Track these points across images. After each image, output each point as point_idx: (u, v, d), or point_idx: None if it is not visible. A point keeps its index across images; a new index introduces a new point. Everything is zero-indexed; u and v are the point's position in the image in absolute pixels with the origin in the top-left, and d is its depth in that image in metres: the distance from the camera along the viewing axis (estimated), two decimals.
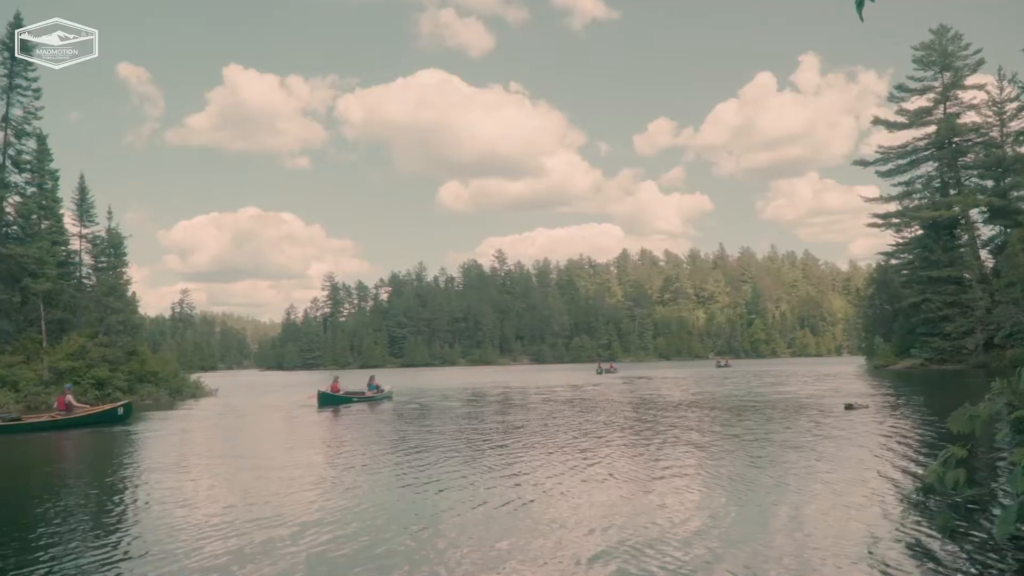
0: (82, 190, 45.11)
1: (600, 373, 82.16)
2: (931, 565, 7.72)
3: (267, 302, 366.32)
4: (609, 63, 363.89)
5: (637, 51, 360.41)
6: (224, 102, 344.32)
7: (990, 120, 66.91)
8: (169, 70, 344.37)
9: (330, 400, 36.77)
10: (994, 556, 7.96)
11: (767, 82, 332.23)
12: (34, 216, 42.96)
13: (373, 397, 39.15)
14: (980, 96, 67.67)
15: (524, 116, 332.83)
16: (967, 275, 65.80)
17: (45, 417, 26.87)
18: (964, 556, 7.99)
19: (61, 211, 45.00)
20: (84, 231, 45.55)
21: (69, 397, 27.43)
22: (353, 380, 50.59)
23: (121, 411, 28.66)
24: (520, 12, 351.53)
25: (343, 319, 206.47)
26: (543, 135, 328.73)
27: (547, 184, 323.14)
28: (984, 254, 69.26)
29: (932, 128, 70.28)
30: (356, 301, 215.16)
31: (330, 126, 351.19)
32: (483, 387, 53.84)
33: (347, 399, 37.51)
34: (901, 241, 72.87)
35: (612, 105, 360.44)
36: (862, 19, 5.13)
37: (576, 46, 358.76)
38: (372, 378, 42.64)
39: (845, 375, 58.09)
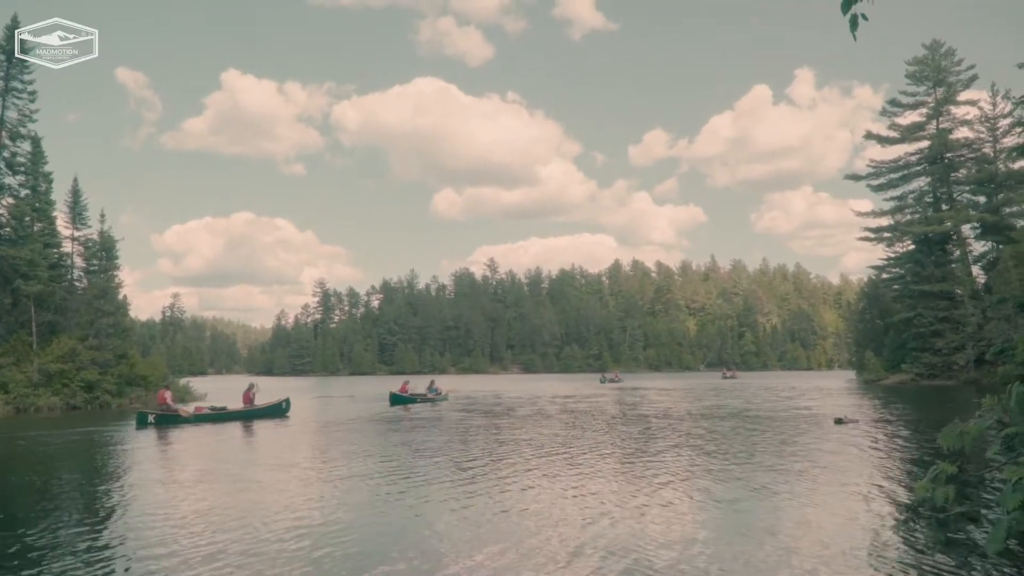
0: (75, 193, 45.04)
1: (604, 383, 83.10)
2: None
3: (259, 307, 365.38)
4: (606, 74, 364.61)
5: (634, 62, 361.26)
6: (221, 107, 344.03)
7: (983, 136, 67.34)
8: (167, 74, 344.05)
9: (399, 400, 42.35)
10: (984, 573, 7.98)
11: (763, 95, 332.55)
12: (27, 218, 42.88)
13: (434, 399, 44.25)
14: (973, 112, 68.18)
15: (521, 125, 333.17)
16: (959, 291, 66.05)
17: (240, 407, 32.02)
18: (953, 573, 8.02)
19: (54, 213, 44.96)
20: (76, 234, 45.49)
21: (252, 393, 33.05)
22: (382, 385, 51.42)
23: (284, 405, 33.74)
24: (519, 22, 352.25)
25: (333, 326, 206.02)
26: (539, 145, 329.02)
27: (542, 194, 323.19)
28: (976, 270, 69.61)
29: (925, 143, 70.72)
30: (347, 308, 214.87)
31: (326, 132, 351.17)
32: (486, 395, 53.60)
33: (412, 399, 43.04)
34: (893, 256, 73.23)
35: (608, 115, 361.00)
36: (855, 38, 5.19)
37: (574, 56, 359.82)
38: (432, 382, 48.57)
39: (835, 389, 58.17)
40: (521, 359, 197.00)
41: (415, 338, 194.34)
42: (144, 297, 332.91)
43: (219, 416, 30.62)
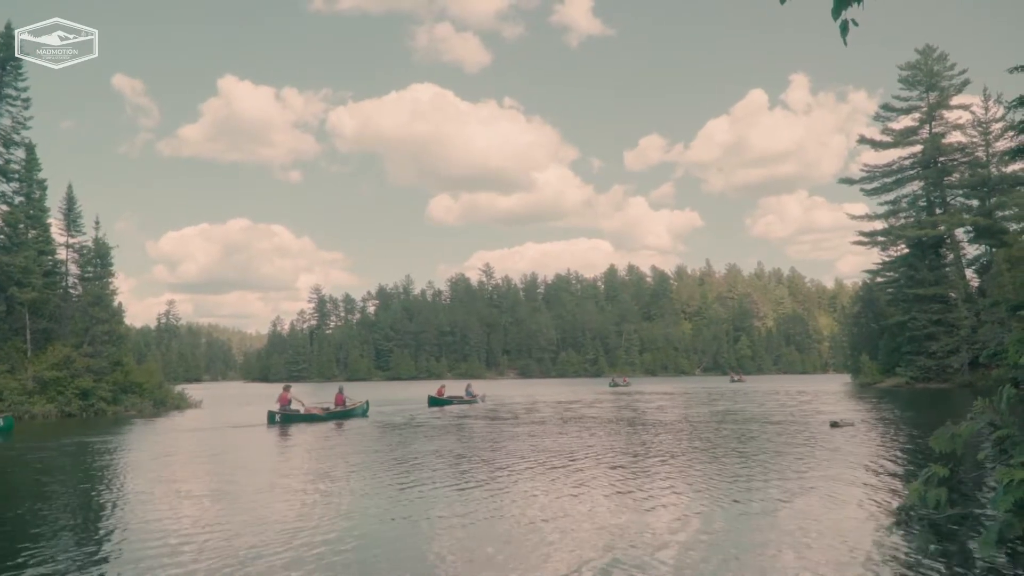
0: (70, 200, 44.98)
1: (613, 386, 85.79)
2: None
3: (255, 314, 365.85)
4: (603, 79, 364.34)
5: (631, 68, 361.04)
6: (218, 113, 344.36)
7: (975, 140, 67.46)
8: (164, 81, 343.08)
9: (436, 402, 45.02)
10: (976, 575, 8.01)
11: (759, 99, 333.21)
12: (21, 225, 42.79)
13: (470, 401, 47.00)
14: (965, 116, 68.30)
15: (517, 131, 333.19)
16: (952, 294, 66.15)
17: (339, 409, 36.14)
18: (945, 575, 8.04)
19: (48, 221, 44.86)
20: (71, 241, 45.38)
21: (344, 395, 37.55)
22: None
23: (366, 406, 37.98)
24: (517, 28, 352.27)
25: (329, 332, 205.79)
26: (536, 150, 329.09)
27: (538, 199, 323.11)
28: (969, 273, 69.68)
29: (918, 147, 70.81)
30: (343, 314, 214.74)
31: (323, 139, 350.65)
32: (493, 400, 52.98)
33: (448, 401, 45.88)
34: (887, 259, 73.28)
35: (605, 121, 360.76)
36: (846, 43, 5.24)
37: (571, 62, 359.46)
38: (469, 386, 52.49)
39: (832, 393, 58.24)
40: (517, 364, 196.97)
41: (411, 344, 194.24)
42: (139, 304, 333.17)
43: (324, 416, 34.80)
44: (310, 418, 33.82)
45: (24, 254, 41.02)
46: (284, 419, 32.49)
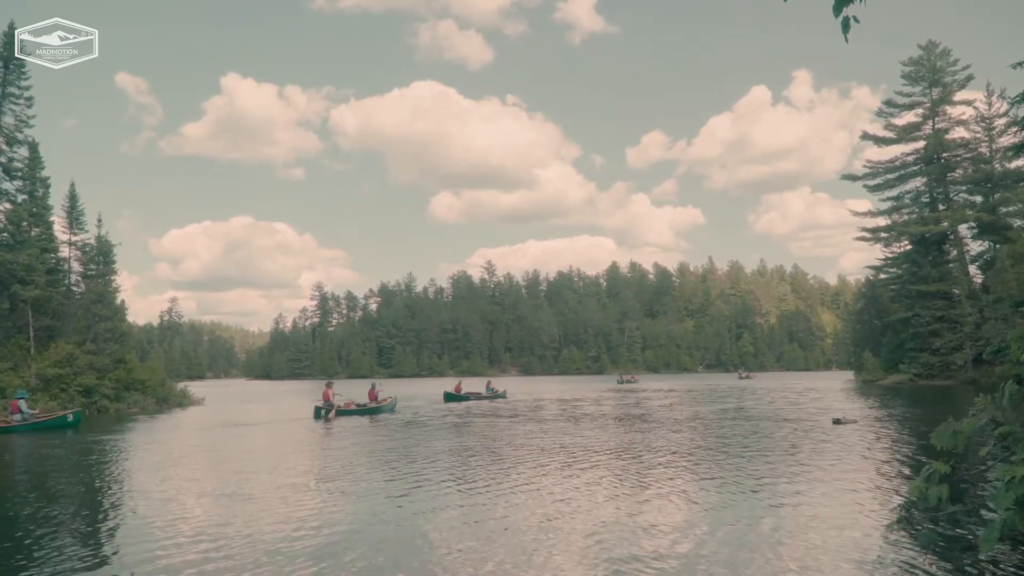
0: (72, 198, 45.01)
1: (621, 383, 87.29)
2: None
3: (257, 311, 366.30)
4: (606, 76, 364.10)
5: (633, 65, 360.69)
6: (221, 112, 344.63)
7: (979, 135, 67.38)
8: (168, 79, 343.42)
9: (453, 398, 46.41)
10: (977, 572, 8.01)
11: (762, 96, 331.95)
12: (24, 223, 42.80)
13: (490, 397, 48.37)
14: (969, 112, 68.21)
15: (520, 128, 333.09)
16: (956, 290, 66.06)
17: (372, 405, 37.92)
18: (946, 573, 8.04)
19: (51, 218, 44.85)
20: (74, 238, 45.42)
21: (376, 391, 39.34)
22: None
23: (395, 402, 40.23)
24: (520, 25, 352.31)
25: (331, 329, 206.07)
26: (538, 147, 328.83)
27: (540, 196, 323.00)
28: (973, 269, 69.64)
29: (921, 143, 70.73)
30: (345, 311, 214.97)
31: (325, 137, 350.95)
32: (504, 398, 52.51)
33: (465, 397, 47.04)
34: (890, 256, 73.23)
35: (607, 118, 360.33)
36: (847, 40, 5.24)
37: (574, 59, 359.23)
38: (489, 382, 54.69)
39: (834, 390, 58.19)
40: (519, 361, 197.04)
41: (413, 341, 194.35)
42: (142, 302, 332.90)
43: (360, 411, 36.90)
44: (348, 412, 36.02)
45: (27, 252, 41.05)
46: (327, 414, 34.80)
